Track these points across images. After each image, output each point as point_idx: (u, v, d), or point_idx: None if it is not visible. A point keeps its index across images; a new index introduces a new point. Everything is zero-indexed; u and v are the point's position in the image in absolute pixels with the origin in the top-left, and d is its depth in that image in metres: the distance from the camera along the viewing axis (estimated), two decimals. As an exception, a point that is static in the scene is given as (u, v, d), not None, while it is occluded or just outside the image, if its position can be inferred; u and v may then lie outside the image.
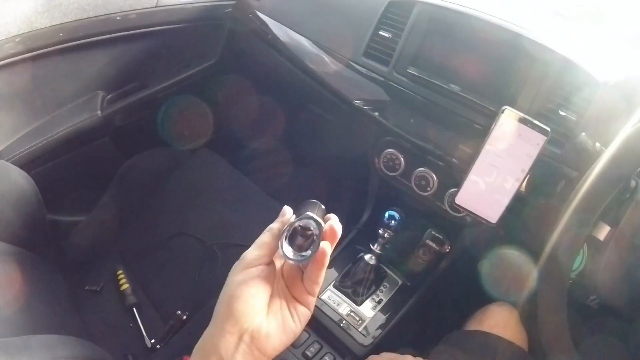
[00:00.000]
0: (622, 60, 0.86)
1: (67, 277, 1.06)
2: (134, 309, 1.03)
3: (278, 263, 0.50)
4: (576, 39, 0.89)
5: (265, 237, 0.47)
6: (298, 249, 0.47)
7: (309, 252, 0.46)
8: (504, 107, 0.74)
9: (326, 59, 1.03)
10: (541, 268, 0.62)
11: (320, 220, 0.47)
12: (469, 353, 0.78)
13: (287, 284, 0.49)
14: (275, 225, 0.49)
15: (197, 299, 0.98)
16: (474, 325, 0.85)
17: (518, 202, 0.78)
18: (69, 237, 1.18)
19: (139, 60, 1.24)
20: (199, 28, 1.28)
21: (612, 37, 0.98)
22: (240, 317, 0.44)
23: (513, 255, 0.90)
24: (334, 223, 0.47)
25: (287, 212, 0.50)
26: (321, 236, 0.46)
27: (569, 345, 0.61)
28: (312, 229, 0.47)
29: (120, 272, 1.09)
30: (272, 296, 0.47)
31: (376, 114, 0.94)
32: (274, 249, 0.47)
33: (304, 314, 0.49)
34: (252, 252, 0.46)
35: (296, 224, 0.47)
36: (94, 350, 0.80)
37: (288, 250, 0.46)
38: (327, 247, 0.46)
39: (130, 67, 1.23)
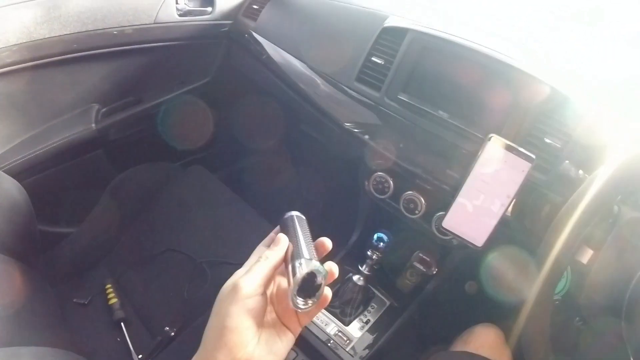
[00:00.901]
0: (619, 63, 0.88)
1: (56, 289, 1.05)
2: (122, 323, 1.02)
3: (268, 290, 0.50)
4: (572, 43, 0.90)
5: (263, 268, 0.47)
6: (305, 297, 0.47)
7: (314, 299, 0.48)
8: (491, 135, 0.77)
9: (319, 81, 1.06)
10: (525, 291, 0.64)
11: (322, 268, 0.47)
12: (454, 374, 0.79)
13: (277, 310, 0.50)
14: (272, 255, 0.49)
15: (185, 316, 0.98)
16: (460, 346, 0.86)
17: (504, 227, 0.80)
18: (58, 248, 1.18)
19: (135, 75, 1.25)
20: (195, 46, 1.30)
21: (611, 36, 0.99)
22: (234, 347, 0.44)
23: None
24: (333, 266, 0.49)
25: (283, 241, 0.50)
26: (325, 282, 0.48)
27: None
28: (319, 278, 0.47)
29: (109, 285, 1.08)
30: (262, 323, 0.48)
31: (366, 137, 0.96)
32: (271, 279, 0.48)
33: (290, 338, 0.50)
34: (249, 283, 0.46)
35: (305, 273, 0.46)
36: (84, 364, 0.80)
37: (300, 302, 0.47)
38: (329, 293, 0.48)
39: (126, 82, 1.24)
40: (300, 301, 0.47)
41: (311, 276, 0.47)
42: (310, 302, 0.47)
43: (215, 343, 0.45)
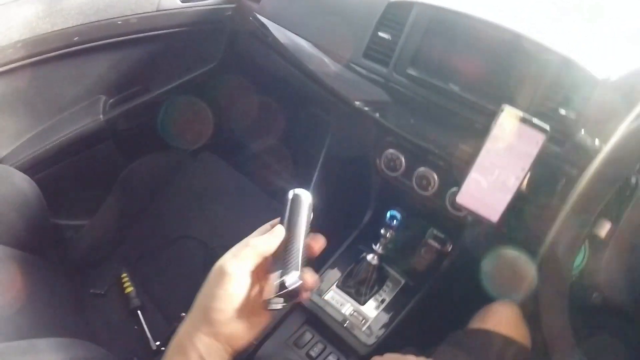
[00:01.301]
0: (621, 57, 0.87)
1: (72, 281, 1.07)
2: (139, 311, 1.03)
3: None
4: (574, 35, 0.89)
5: (250, 255, 0.51)
6: (280, 299, 0.51)
7: (287, 303, 0.52)
8: (503, 106, 0.75)
9: (326, 60, 1.03)
10: (541, 268, 0.62)
11: (299, 280, 0.51)
12: (471, 353, 0.78)
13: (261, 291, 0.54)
14: (262, 245, 0.52)
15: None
16: (476, 324, 0.85)
17: (519, 201, 0.78)
18: (73, 240, 1.19)
19: (140, 64, 1.24)
20: (199, 31, 1.28)
21: (611, 33, 0.98)
22: (216, 324, 0.49)
23: (513, 254, 0.90)
24: (309, 277, 0.53)
25: (276, 235, 0.53)
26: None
27: (571, 345, 0.61)
28: (295, 289, 0.51)
29: (124, 275, 1.09)
30: (246, 303, 0.51)
31: (377, 114, 0.95)
32: (259, 264, 0.52)
33: (267, 315, 0.54)
34: (235, 269, 0.49)
35: (281, 285, 0.51)
36: (100, 352, 0.81)
37: (273, 304, 0.51)
38: (306, 296, 0.54)
39: (132, 71, 1.23)
40: (273, 303, 0.51)
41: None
42: (282, 305, 0.51)
43: (200, 319, 0.50)
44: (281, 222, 0.56)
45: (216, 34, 1.32)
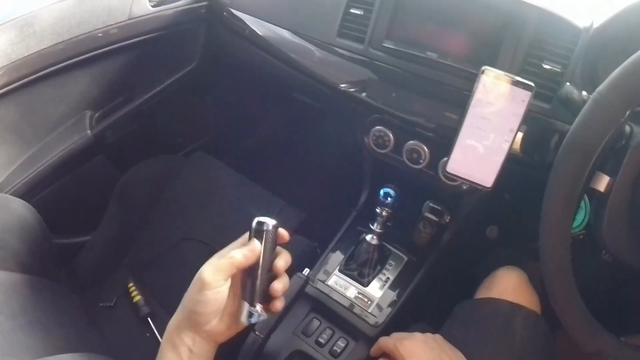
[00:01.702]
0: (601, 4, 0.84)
1: (80, 297, 1.07)
2: (149, 318, 1.04)
3: None
4: None
5: (227, 266, 0.57)
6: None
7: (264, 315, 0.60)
8: (484, 68, 0.72)
9: (305, 46, 1.02)
10: (541, 228, 0.61)
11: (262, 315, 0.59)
12: (479, 323, 0.78)
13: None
14: (239, 259, 0.57)
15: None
16: (483, 292, 0.84)
17: (514, 164, 0.76)
18: (78, 257, 1.20)
19: (121, 75, 1.23)
20: (175, 34, 1.27)
21: None
22: (197, 325, 0.57)
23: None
24: (266, 311, 0.60)
25: (253, 252, 0.58)
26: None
27: (579, 305, 0.60)
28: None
29: (131, 284, 1.09)
30: (225, 306, 0.58)
31: (363, 94, 0.93)
32: (236, 274, 0.59)
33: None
34: (213, 279, 0.56)
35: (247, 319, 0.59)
36: (112, 364, 0.81)
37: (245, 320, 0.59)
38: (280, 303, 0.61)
39: (114, 83, 1.23)
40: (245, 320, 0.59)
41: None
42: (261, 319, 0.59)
43: (185, 318, 0.58)
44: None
45: (192, 34, 1.31)
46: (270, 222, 0.61)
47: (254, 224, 0.61)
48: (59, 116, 1.17)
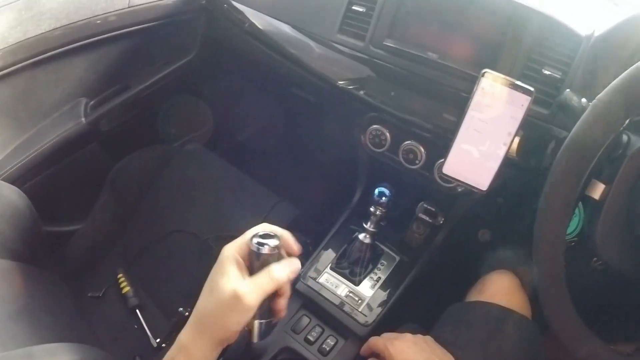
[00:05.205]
0: (603, 13, 0.84)
1: (69, 286, 1.06)
2: (137, 310, 1.03)
3: None
4: None
5: (269, 287, 0.55)
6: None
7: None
8: (484, 70, 0.72)
9: (304, 41, 1.01)
10: (535, 232, 0.61)
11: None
12: (471, 325, 0.78)
13: None
14: (282, 279, 0.56)
15: (197, 295, 0.98)
16: (474, 295, 0.84)
17: (510, 168, 0.76)
18: (67, 246, 1.18)
19: (119, 63, 1.22)
20: (175, 23, 1.26)
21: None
22: (221, 338, 0.54)
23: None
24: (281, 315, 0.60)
25: (294, 271, 0.58)
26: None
27: (570, 310, 0.60)
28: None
29: (120, 275, 1.09)
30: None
31: (361, 92, 0.93)
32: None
33: None
34: (254, 299, 0.53)
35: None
36: (99, 354, 0.80)
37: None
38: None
39: (110, 71, 1.21)
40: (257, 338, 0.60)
41: None
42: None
43: (206, 330, 0.54)
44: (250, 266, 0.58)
45: (191, 24, 1.30)
46: (277, 234, 0.60)
47: (254, 247, 0.58)
48: (55, 102, 1.15)
